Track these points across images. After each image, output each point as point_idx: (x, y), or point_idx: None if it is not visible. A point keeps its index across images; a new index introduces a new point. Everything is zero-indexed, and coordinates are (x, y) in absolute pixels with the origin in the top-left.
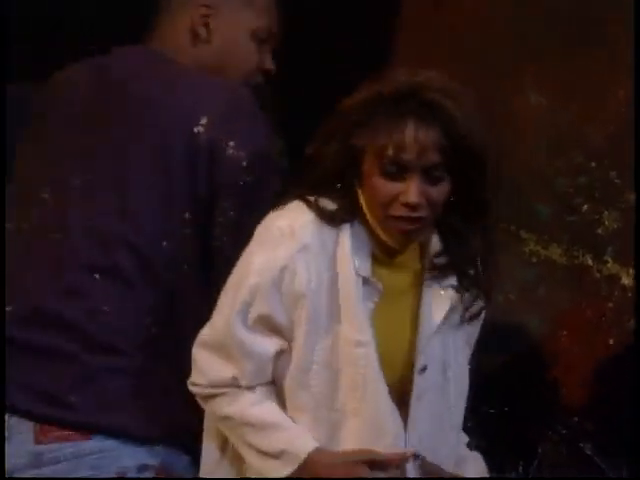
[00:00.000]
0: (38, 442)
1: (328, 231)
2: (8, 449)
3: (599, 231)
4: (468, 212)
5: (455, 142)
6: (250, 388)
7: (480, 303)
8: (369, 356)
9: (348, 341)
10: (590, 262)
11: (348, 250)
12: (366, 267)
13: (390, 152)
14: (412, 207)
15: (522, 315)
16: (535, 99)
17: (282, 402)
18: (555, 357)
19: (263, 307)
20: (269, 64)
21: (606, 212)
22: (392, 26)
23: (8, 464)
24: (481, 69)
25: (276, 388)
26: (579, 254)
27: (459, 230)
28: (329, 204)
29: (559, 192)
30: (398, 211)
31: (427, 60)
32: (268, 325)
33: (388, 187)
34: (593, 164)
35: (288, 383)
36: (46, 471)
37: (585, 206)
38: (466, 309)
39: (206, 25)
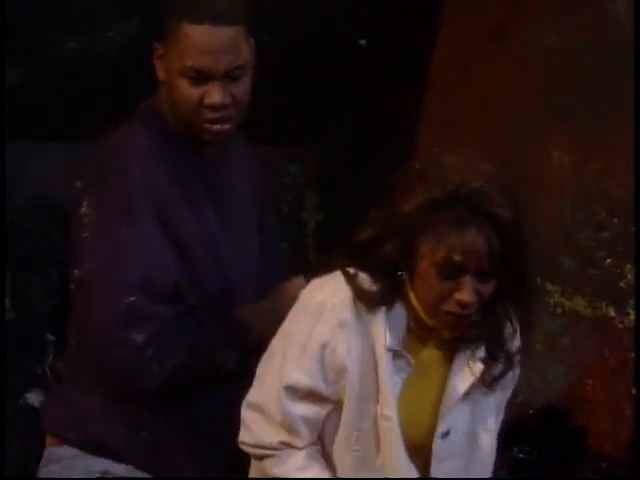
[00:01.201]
0: (47, 447)
1: (364, 307)
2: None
3: (621, 284)
4: (506, 291)
5: (508, 247)
6: (299, 450)
7: (509, 372)
8: (392, 430)
9: (379, 415)
10: (613, 314)
11: (382, 326)
12: (398, 341)
13: (450, 258)
14: (465, 306)
15: (548, 364)
16: (558, 157)
17: (328, 459)
18: (581, 405)
19: (308, 383)
20: (209, 99)
21: (628, 266)
22: (422, 89)
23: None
24: (508, 129)
25: (323, 447)
26: (602, 306)
27: (491, 304)
28: (368, 284)
29: (582, 246)
30: (450, 307)
31: (456, 121)
32: (315, 397)
33: (442, 286)
34: (615, 219)
35: (336, 446)
36: (49, 468)
37: (608, 260)
38: (494, 379)
39: (160, 65)
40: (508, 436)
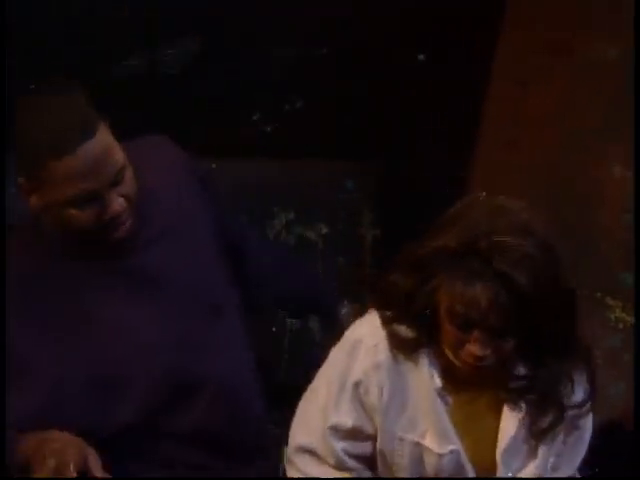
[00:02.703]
0: None
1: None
2: None
3: None
4: (547, 347)
5: (528, 306)
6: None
7: (559, 425)
8: (460, 463)
9: (433, 453)
10: None
11: (425, 367)
12: (438, 381)
13: (458, 309)
14: (477, 358)
15: (610, 380)
16: (620, 172)
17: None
18: None
19: (351, 422)
20: (109, 212)
21: None
22: (480, 104)
23: None
24: (568, 144)
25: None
26: None
27: (538, 358)
28: (403, 330)
29: None
30: (466, 357)
31: (515, 137)
32: (360, 434)
33: (458, 335)
34: None
35: (380, 471)
36: None
37: None
38: (542, 431)
39: (32, 199)
40: None
